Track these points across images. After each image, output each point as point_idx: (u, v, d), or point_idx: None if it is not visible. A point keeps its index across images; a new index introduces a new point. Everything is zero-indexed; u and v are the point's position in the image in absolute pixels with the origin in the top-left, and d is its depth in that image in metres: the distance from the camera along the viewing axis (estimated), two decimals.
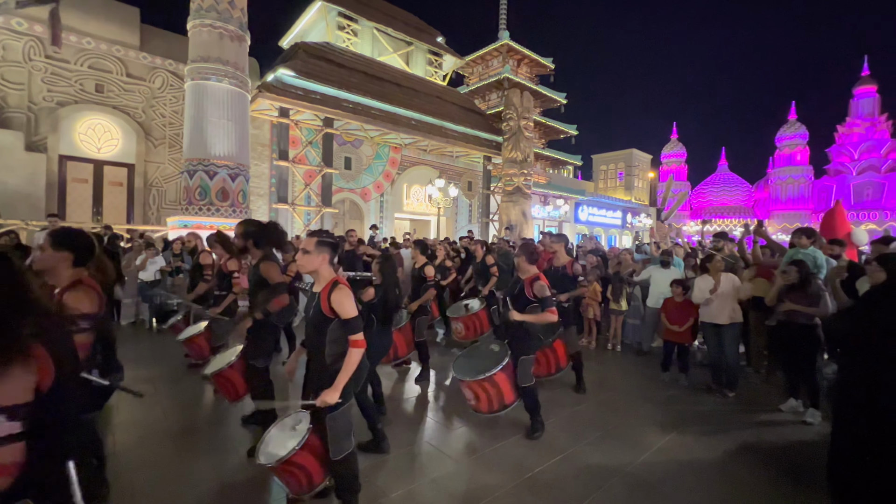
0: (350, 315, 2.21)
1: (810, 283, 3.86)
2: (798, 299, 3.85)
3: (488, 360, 3.42)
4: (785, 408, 4.05)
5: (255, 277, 3.26)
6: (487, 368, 3.25)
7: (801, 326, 3.89)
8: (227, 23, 10.67)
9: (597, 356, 5.99)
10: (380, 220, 17.35)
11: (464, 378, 3.27)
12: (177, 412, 3.83)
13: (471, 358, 3.59)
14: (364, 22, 17.00)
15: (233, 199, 10.89)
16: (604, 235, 30.40)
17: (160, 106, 12.77)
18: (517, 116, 18.58)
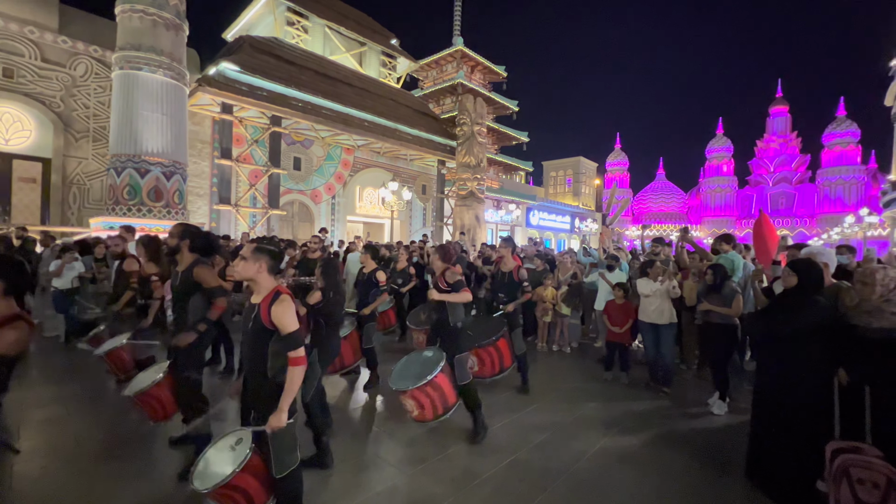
0: (291, 329, 2.08)
1: (724, 285, 4.20)
2: (714, 300, 4.18)
3: (425, 366, 3.39)
4: (711, 401, 4.35)
5: (185, 283, 3.02)
6: (426, 373, 3.21)
7: (716, 325, 4.23)
8: (161, 9, 9.95)
9: (543, 358, 6.14)
10: (331, 223, 16.88)
11: (405, 388, 3.19)
12: (93, 436, 3.44)
13: (406, 368, 3.54)
14: (315, 19, 16.53)
15: (167, 199, 10.13)
16: (553, 239, 31.52)
17: (83, 96, 11.64)
18: (471, 122, 18.84)
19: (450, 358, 3.39)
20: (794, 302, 2.74)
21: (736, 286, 4.31)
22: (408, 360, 3.58)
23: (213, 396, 4.25)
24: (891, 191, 17.73)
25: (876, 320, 2.55)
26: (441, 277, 3.53)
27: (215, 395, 4.34)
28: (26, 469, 2.95)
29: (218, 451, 2.17)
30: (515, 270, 4.69)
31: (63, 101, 11.32)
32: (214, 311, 3.02)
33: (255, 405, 2.23)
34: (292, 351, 2.07)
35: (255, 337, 2.14)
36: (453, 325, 3.47)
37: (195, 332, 2.93)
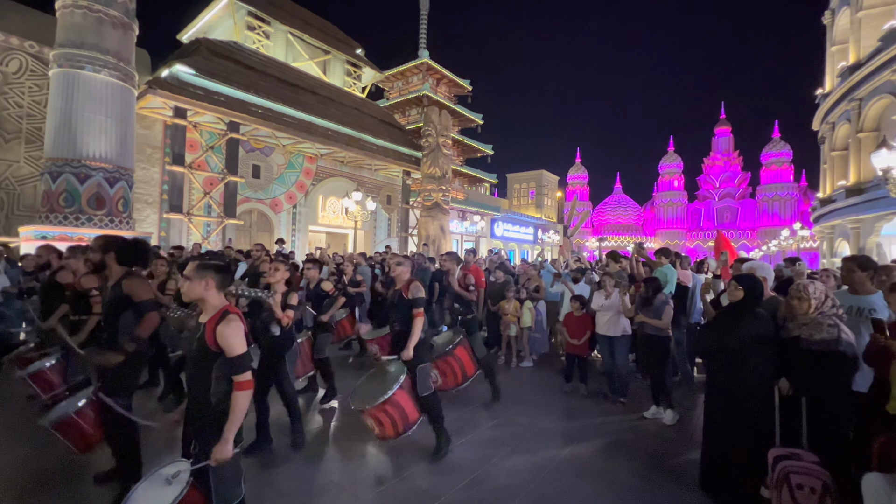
0: (237, 352, 1.95)
1: (656, 297, 4.40)
2: (647, 312, 4.37)
3: (385, 380, 3.30)
4: (647, 414, 4.44)
5: (115, 297, 2.80)
6: (386, 390, 3.12)
7: (650, 336, 4.37)
8: (108, 6, 9.42)
9: (506, 371, 6.16)
10: (292, 233, 16.37)
11: (363, 407, 3.09)
12: (11, 470, 3.08)
13: (369, 384, 3.44)
14: (277, 25, 16.20)
15: (110, 207, 9.47)
16: (517, 250, 32.10)
17: (15, 94, 10.75)
18: (436, 133, 18.95)
19: (411, 370, 3.31)
20: (740, 314, 2.88)
21: (668, 298, 4.47)
22: (371, 377, 3.49)
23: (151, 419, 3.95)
24: (819, 207, 19.39)
25: (816, 332, 2.72)
26: (405, 288, 3.47)
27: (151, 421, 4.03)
28: None
29: (150, 485, 1.97)
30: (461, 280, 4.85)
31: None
32: (145, 327, 2.82)
33: (196, 434, 2.06)
34: (238, 375, 1.95)
35: (199, 359, 2.00)
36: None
37: (123, 353, 2.70)
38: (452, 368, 4.24)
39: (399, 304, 3.50)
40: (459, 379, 4.29)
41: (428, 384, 3.39)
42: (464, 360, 4.30)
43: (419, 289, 3.43)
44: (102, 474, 2.95)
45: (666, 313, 4.27)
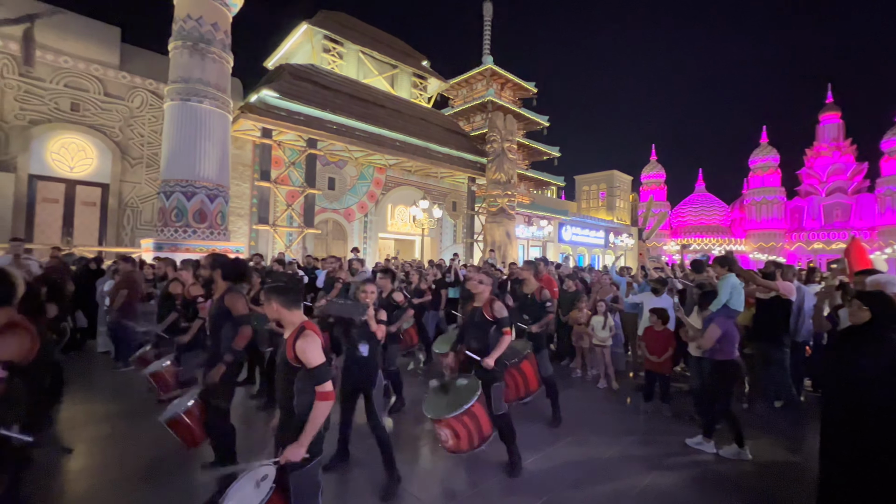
0: (315, 363, 2.08)
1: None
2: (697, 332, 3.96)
3: (459, 393, 3.30)
4: (691, 442, 3.96)
5: (218, 309, 3.15)
6: (462, 402, 3.11)
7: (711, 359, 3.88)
8: (209, 44, 10.65)
9: (578, 386, 5.90)
10: (364, 241, 17.20)
11: (440, 416, 3.10)
12: (134, 456, 3.57)
13: (440, 395, 3.45)
14: (350, 45, 17.21)
15: (211, 221, 10.66)
16: (587, 255, 30.75)
17: (139, 125, 12.55)
18: (501, 139, 18.87)
19: (486, 387, 3.27)
20: (865, 340, 2.44)
21: (716, 315, 3.96)
22: (439, 390, 3.51)
23: (247, 421, 4.35)
24: None
25: None
26: (487, 307, 3.43)
27: (249, 420, 4.43)
28: (77, 487, 3.09)
29: (242, 486, 2.16)
30: (538, 291, 4.61)
31: (121, 130, 12.26)
32: (240, 341, 3.11)
33: (281, 441, 2.23)
34: (319, 385, 2.07)
35: (283, 373, 2.16)
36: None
37: (224, 365, 3.01)
38: (515, 381, 4.14)
39: (479, 323, 3.43)
40: (521, 392, 4.19)
41: (502, 403, 3.34)
42: (528, 375, 4.19)
43: (503, 308, 3.38)
44: (206, 465, 3.32)
45: (709, 332, 3.80)
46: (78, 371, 5.82)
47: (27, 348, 1.87)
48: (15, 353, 1.82)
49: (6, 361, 1.78)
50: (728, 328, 3.77)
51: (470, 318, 3.59)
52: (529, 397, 4.21)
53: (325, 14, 16.90)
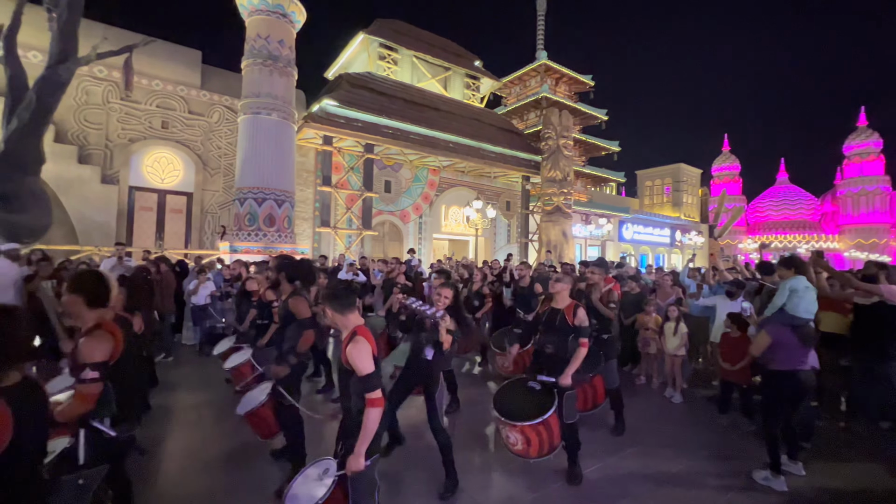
0: (364, 371, 2.10)
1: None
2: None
3: (532, 399, 3.21)
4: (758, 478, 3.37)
5: (284, 311, 3.35)
6: (537, 408, 3.05)
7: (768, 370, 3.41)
8: (276, 60, 11.41)
9: (643, 393, 5.58)
10: (418, 242, 17.53)
11: (515, 422, 3.03)
12: (216, 442, 3.92)
13: (511, 396, 3.38)
14: (403, 51, 17.63)
15: (279, 225, 11.41)
16: (651, 254, 29.02)
17: (217, 138, 13.76)
18: (556, 135, 18.37)
19: (560, 394, 3.18)
20: None
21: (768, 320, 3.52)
22: (508, 392, 3.46)
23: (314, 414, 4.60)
24: None
25: None
26: (570, 312, 3.30)
27: (317, 412, 4.69)
28: (171, 468, 3.46)
29: (306, 478, 2.28)
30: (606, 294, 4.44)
31: (202, 144, 13.52)
32: (304, 343, 3.23)
33: (343, 438, 2.32)
34: (368, 393, 2.09)
35: (342, 374, 2.26)
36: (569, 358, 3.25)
37: (288, 366, 3.18)
38: (584, 393, 4.03)
39: (559, 327, 3.30)
40: (588, 405, 4.07)
41: (574, 412, 3.24)
42: (597, 388, 4.08)
43: (585, 317, 3.27)
44: (276, 452, 3.55)
45: (758, 339, 3.39)
46: (168, 363, 6.50)
47: (112, 348, 2.04)
48: (103, 355, 1.98)
49: (98, 363, 1.94)
50: (782, 336, 3.35)
51: (547, 319, 3.43)
52: (595, 409, 4.08)
53: (380, 23, 17.46)
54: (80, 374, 1.91)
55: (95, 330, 2.02)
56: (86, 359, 1.93)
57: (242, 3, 11.53)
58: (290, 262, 3.57)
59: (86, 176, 11.37)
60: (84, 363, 1.92)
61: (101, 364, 1.95)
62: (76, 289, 2.07)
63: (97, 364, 1.94)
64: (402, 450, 3.73)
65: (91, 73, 11.60)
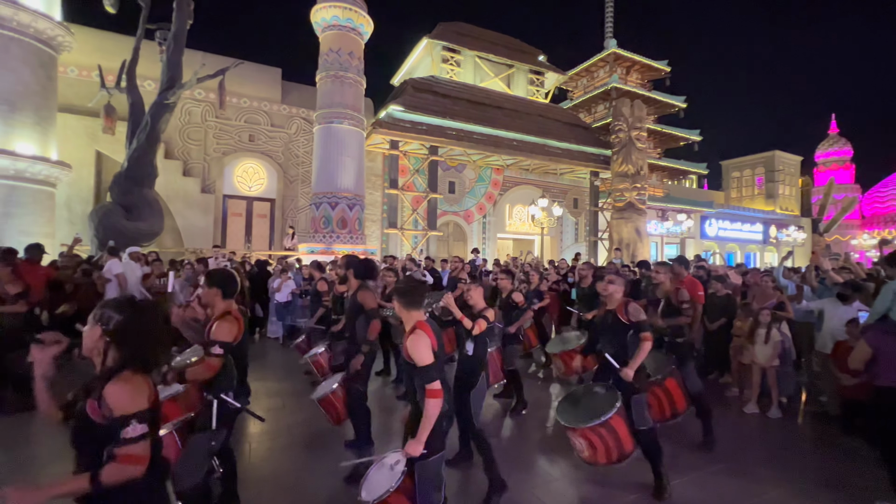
0: (422, 363, 2.17)
1: None
2: None
3: (595, 402, 3.08)
4: None
5: (352, 304, 3.57)
6: (599, 412, 2.90)
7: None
8: (346, 71, 12.06)
9: (736, 406, 5.05)
10: (483, 242, 17.52)
11: (575, 425, 2.92)
12: (299, 428, 4.24)
13: (575, 401, 3.28)
14: (466, 52, 17.73)
15: (350, 227, 12.06)
16: (738, 252, 26.28)
17: (295, 148, 14.89)
18: (627, 127, 17.36)
19: (625, 397, 3.00)
20: None
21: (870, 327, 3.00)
22: (573, 394, 3.37)
23: (386, 409, 4.78)
24: None
25: None
26: (621, 309, 3.19)
27: (388, 407, 4.87)
28: (258, 449, 3.80)
29: (379, 469, 2.37)
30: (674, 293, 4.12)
31: (283, 154, 14.72)
32: (372, 332, 3.49)
33: (410, 431, 2.39)
34: (426, 384, 2.16)
35: (406, 367, 2.34)
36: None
37: (362, 354, 3.41)
38: (659, 401, 3.72)
39: (613, 327, 3.19)
40: (668, 414, 3.74)
41: (645, 417, 3.04)
42: (674, 394, 3.74)
43: (639, 310, 3.12)
44: (349, 441, 3.73)
45: (857, 349, 2.91)
46: (256, 353, 7.14)
47: (236, 332, 2.41)
48: (229, 336, 2.36)
49: (223, 342, 2.33)
50: (886, 345, 2.84)
51: (603, 321, 3.35)
52: (677, 419, 3.76)
53: (443, 26, 17.73)
54: (210, 349, 2.30)
55: (226, 316, 2.41)
56: (216, 337, 2.33)
57: (317, 21, 12.35)
58: (357, 260, 3.82)
59: (189, 187, 12.90)
60: (214, 340, 2.31)
61: (227, 343, 2.33)
62: (213, 283, 2.48)
63: (224, 343, 2.32)
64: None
65: (192, 96, 13.13)
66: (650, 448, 3.03)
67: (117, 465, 1.35)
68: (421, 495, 2.14)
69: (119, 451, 1.36)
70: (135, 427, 1.37)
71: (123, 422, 1.37)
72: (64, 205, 11.33)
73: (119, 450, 1.36)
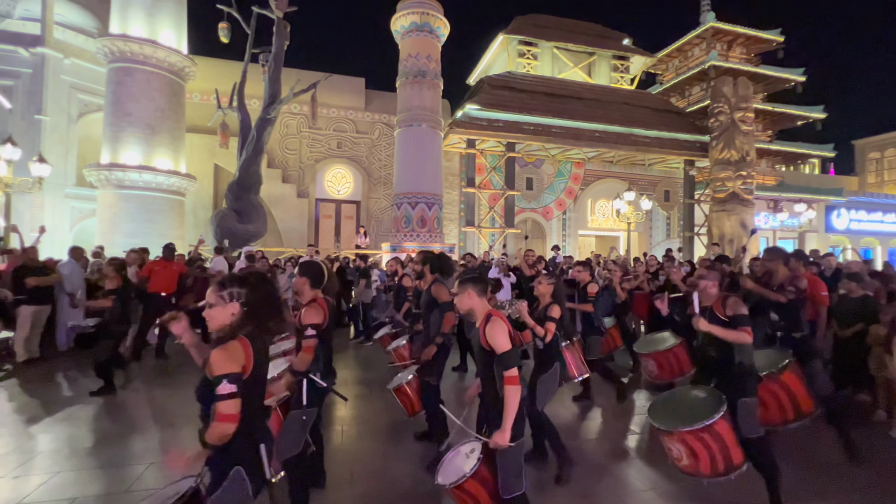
0: (502, 349, 2.17)
1: None
2: None
3: (696, 406, 2.77)
4: None
5: (427, 298, 3.66)
6: (701, 415, 2.58)
7: None
8: (424, 75, 12.43)
9: (881, 426, 4.25)
10: (563, 239, 16.90)
11: (671, 429, 2.64)
12: (383, 414, 4.47)
13: (670, 404, 2.99)
14: (543, 44, 17.22)
15: (429, 226, 12.41)
16: (879, 248, 22.10)
17: (378, 152, 15.73)
18: (729, 109, 15.54)
19: (730, 401, 2.67)
20: None
21: None
22: (670, 397, 3.10)
23: (462, 403, 4.84)
24: None
25: None
26: (718, 305, 2.89)
27: (463, 402, 4.93)
28: (349, 432, 4.08)
29: (455, 456, 2.41)
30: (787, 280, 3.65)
31: (367, 158, 15.64)
32: (446, 325, 3.53)
33: (487, 419, 2.40)
34: (506, 371, 2.15)
35: (481, 358, 2.35)
36: (739, 363, 2.74)
37: (435, 345, 3.47)
38: (778, 398, 3.19)
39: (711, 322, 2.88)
40: (790, 415, 3.19)
41: (755, 425, 2.68)
42: (796, 391, 3.19)
43: (738, 304, 2.79)
44: (420, 434, 3.84)
45: None
46: (341, 346, 7.67)
47: (323, 317, 2.64)
48: (318, 320, 2.60)
49: (315, 325, 2.57)
50: None
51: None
52: (801, 421, 3.22)
53: (519, 21, 17.41)
54: (305, 333, 2.55)
55: (313, 303, 2.66)
56: (307, 321, 2.57)
57: (396, 29, 12.91)
58: (432, 255, 3.92)
59: (287, 192, 14.30)
60: (306, 325, 2.56)
61: (317, 326, 2.57)
62: (304, 273, 2.73)
63: (314, 325, 2.56)
64: None
65: (289, 109, 14.51)
66: (762, 461, 2.65)
67: (214, 423, 1.57)
68: (503, 482, 2.15)
69: (215, 408, 1.57)
70: (225, 385, 1.56)
71: (217, 381, 1.57)
72: (190, 211, 13.25)
73: (215, 406, 1.57)
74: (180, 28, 12.20)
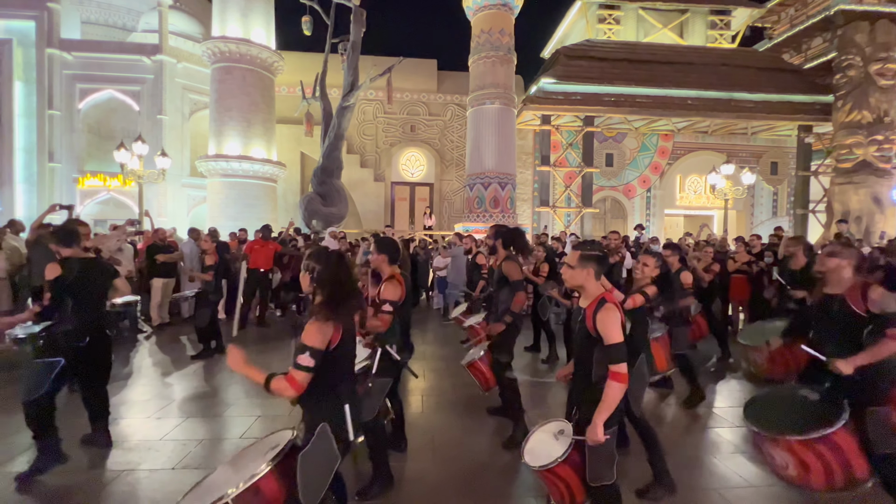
0: (612, 341, 1.99)
1: None
2: None
3: (804, 408, 2.36)
4: None
5: (499, 275, 3.56)
6: (813, 421, 2.18)
7: None
8: (497, 50, 12.11)
9: None
10: (647, 219, 15.71)
11: (777, 435, 2.25)
12: (460, 387, 4.58)
13: (770, 404, 2.58)
14: (626, 6, 15.79)
15: (502, 206, 12.26)
16: None
17: (450, 133, 15.77)
18: (862, 61, 13.07)
19: (855, 409, 2.21)
20: None
21: None
22: (772, 395, 2.69)
23: (536, 383, 4.79)
24: None
25: None
26: (855, 295, 2.32)
27: (537, 382, 4.87)
28: (429, 402, 4.26)
29: (543, 434, 2.32)
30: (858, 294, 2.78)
31: (439, 140, 15.77)
32: (515, 304, 3.37)
33: (577, 404, 2.25)
34: (614, 364, 1.98)
35: (582, 340, 2.16)
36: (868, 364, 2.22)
37: (503, 324, 3.36)
38: None
39: (838, 318, 2.38)
40: None
41: (888, 437, 2.19)
42: None
43: (887, 295, 2.23)
44: (492, 409, 3.84)
45: None
46: (419, 321, 7.95)
47: (400, 293, 2.72)
48: (395, 296, 2.67)
49: (392, 300, 2.65)
50: None
51: (821, 309, 2.50)
52: None
53: None
54: (381, 307, 2.64)
55: (391, 279, 2.74)
56: (385, 297, 2.66)
57: (468, 6, 12.65)
58: (506, 230, 3.76)
59: (365, 177, 14.98)
60: (384, 300, 2.65)
61: (394, 302, 2.65)
62: (382, 250, 2.81)
63: (391, 301, 2.64)
64: None
65: (365, 96, 15.04)
66: (891, 477, 2.22)
67: (282, 379, 1.68)
68: (592, 470, 2.04)
69: (291, 371, 1.68)
70: (306, 357, 1.66)
71: (301, 349, 1.68)
72: (281, 196, 14.49)
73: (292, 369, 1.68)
74: (269, 25, 13.16)
